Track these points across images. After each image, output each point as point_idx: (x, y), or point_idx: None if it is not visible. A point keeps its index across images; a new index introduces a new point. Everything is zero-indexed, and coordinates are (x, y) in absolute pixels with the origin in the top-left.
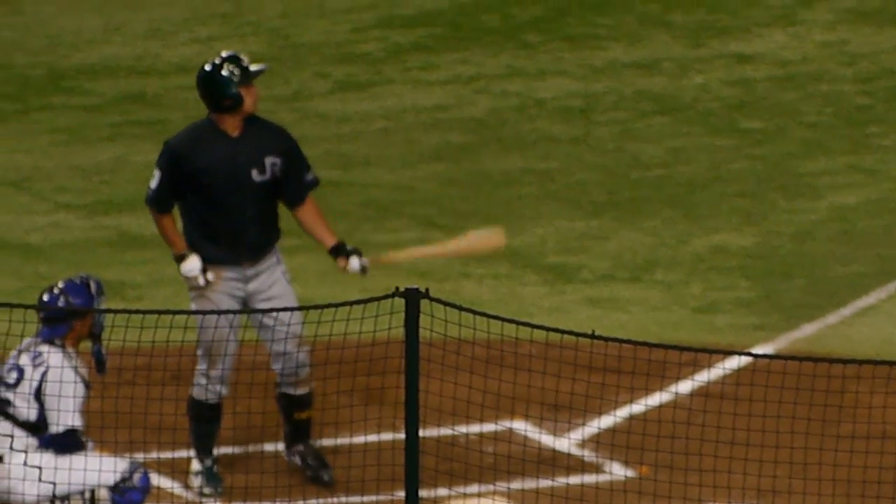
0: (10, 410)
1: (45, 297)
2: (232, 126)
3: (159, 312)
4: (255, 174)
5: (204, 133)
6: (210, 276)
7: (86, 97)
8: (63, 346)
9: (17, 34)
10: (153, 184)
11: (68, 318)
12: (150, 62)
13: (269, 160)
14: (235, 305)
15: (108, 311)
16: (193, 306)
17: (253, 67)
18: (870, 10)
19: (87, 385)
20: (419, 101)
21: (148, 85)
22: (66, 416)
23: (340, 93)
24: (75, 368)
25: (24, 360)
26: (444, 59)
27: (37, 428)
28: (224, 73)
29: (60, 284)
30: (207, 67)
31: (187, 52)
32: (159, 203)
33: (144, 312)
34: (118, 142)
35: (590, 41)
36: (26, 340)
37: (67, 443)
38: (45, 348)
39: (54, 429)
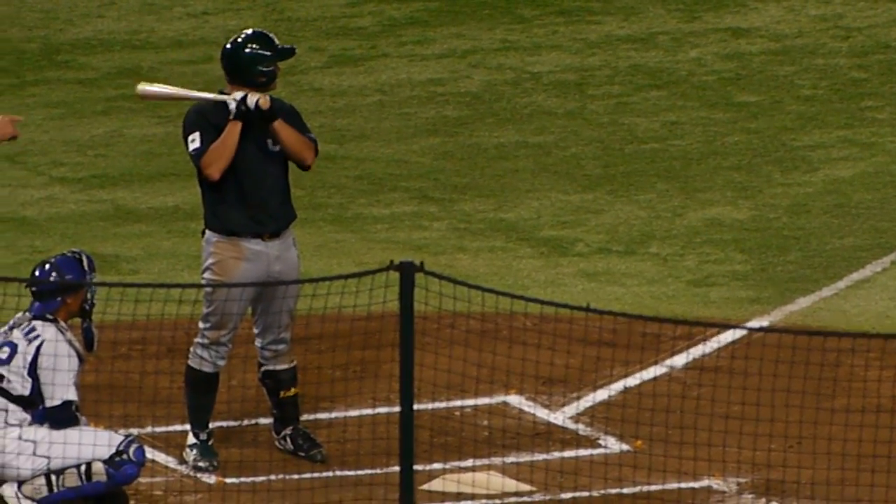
0: (4, 385)
1: (37, 272)
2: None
3: (154, 286)
4: (270, 143)
5: (222, 106)
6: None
7: (81, 71)
8: (55, 321)
9: (11, 9)
10: (197, 142)
11: (60, 293)
12: (144, 36)
13: None
14: (252, 291)
15: (103, 284)
16: (208, 275)
17: (287, 46)
18: None
19: (81, 358)
20: (414, 76)
21: (143, 59)
22: (61, 389)
23: (335, 67)
24: (69, 342)
25: (16, 335)
26: (439, 33)
27: (31, 403)
28: (261, 49)
29: (52, 259)
30: (241, 41)
31: (182, 27)
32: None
33: (139, 286)
34: (113, 116)
35: (584, 15)
36: (17, 316)
37: (62, 416)
38: (38, 323)
39: (49, 402)
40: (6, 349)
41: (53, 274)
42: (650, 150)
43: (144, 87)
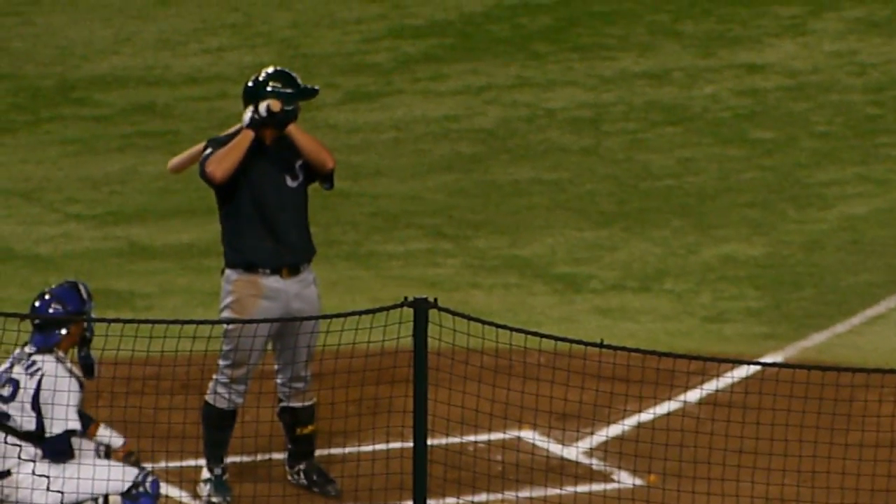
0: (10, 423)
1: (37, 304)
2: (269, 136)
3: (169, 322)
4: (289, 180)
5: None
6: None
7: (96, 108)
8: (53, 351)
9: (27, 45)
10: (207, 152)
11: (63, 325)
12: (159, 73)
13: (298, 163)
14: (269, 329)
15: (117, 320)
16: (227, 313)
17: (309, 87)
18: (880, 20)
19: (82, 385)
20: (429, 112)
21: (158, 96)
22: (60, 421)
23: (350, 103)
24: (70, 371)
25: (18, 370)
26: (454, 69)
27: (38, 437)
28: (283, 88)
29: (51, 290)
30: (262, 79)
31: (197, 63)
32: None
33: (153, 322)
34: (128, 152)
35: (599, 51)
36: (16, 352)
37: (61, 448)
38: (37, 357)
39: (49, 433)
40: (8, 387)
41: (53, 305)
42: (665, 187)
43: (173, 162)
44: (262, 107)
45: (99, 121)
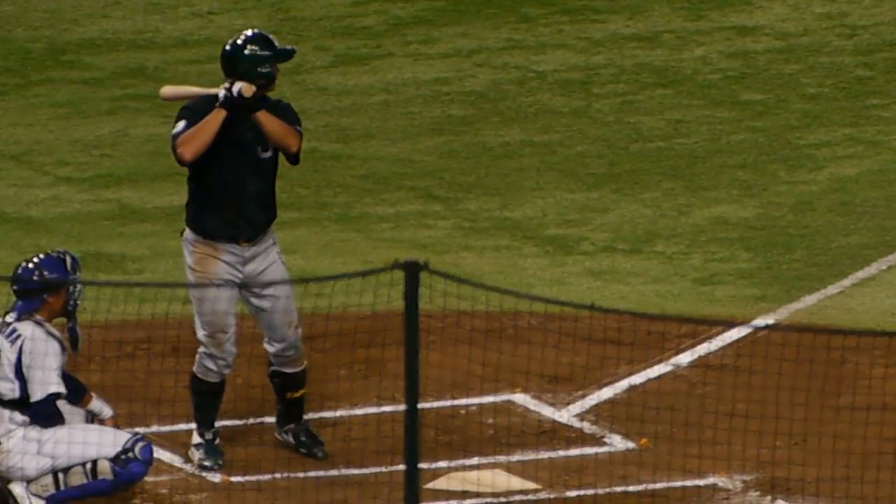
0: None
1: (20, 270)
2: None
3: (159, 285)
4: (259, 150)
5: (212, 103)
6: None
7: (86, 71)
8: (33, 317)
9: (17, 8)
10: (180, 127)
11: (42, 291)
12: (150, 36)
13: None
14: (232, 290)
15: (109, 283)
16: (190, 275)
17: (286, 48)
18: None
19: (63, 347)
20: (419, 75)
21: (148, 59)
22: (42, 384)
23: (341, 66)
24: (49, 333)
25: None
26: (445, 32)
27: (25, 404)
28: (261, 51)
29: (36, 258)
30: (240, 42)
31: (187, 26)
32: None
33: (143, 285)
34: (118, 115)
35: (589, 14)
36: None
37: (47, 411)
38: (17, 324)
39: (34, 397)
40: None
41: (36, 272)
42: (655, 149)
43: (166, 90)
44: (235, 88)
45: (89, 84)
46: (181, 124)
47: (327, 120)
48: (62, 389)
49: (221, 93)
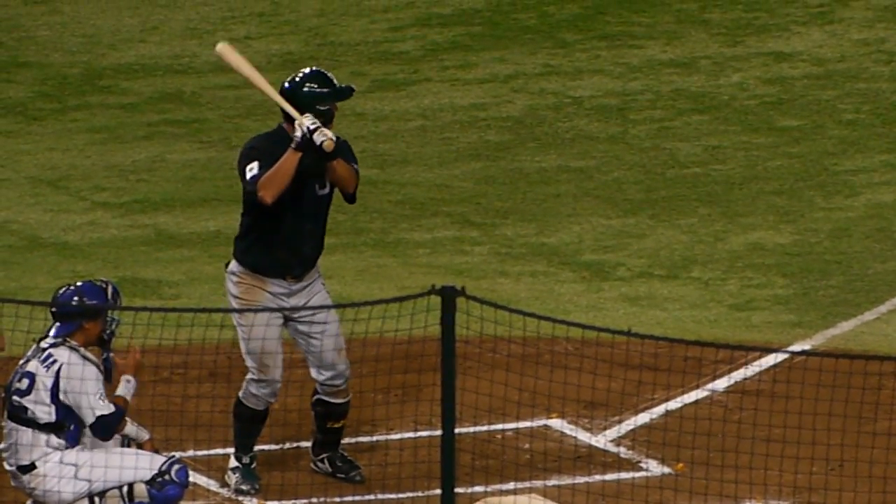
0: (28, 416)
1: (61, 293)
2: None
3: (196, 310)
4: (318, 188)
5: (278, 142)
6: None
7: (123, 96)
8: (67, 343)
9: (54, 33)
10: (255, 170)
11: (79, 317)
12: (187, 61)
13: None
14: (279, 318)
15: (146, 309)
16: (235, 304)
17: (345, 86)
18: None
19: (99, 368)
20: (456, 100)
21: (185, 84)
22: (88, 408)
23: (378, 91)
24: (84, 357)
25: (33, 365)
26: (482, 57)
27: (59, 427)
28: (319, 88)
29: (77, 284)
30: (299, 80)
31: None
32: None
33: (181, 310)
34: (155, 141)
35: (627, 39)
36: (32, 348)
37: (104, 428)
38: (52, 350)
39: (88, 420)
40: (25, 380)
41: (76, 297)
42: (692, 175)
43: (224, 48)
44: (319, 139)
45: (126, 109)
46: (255, 165)
47: (364, 145)
48: (109, 409)
49: (298, 133)
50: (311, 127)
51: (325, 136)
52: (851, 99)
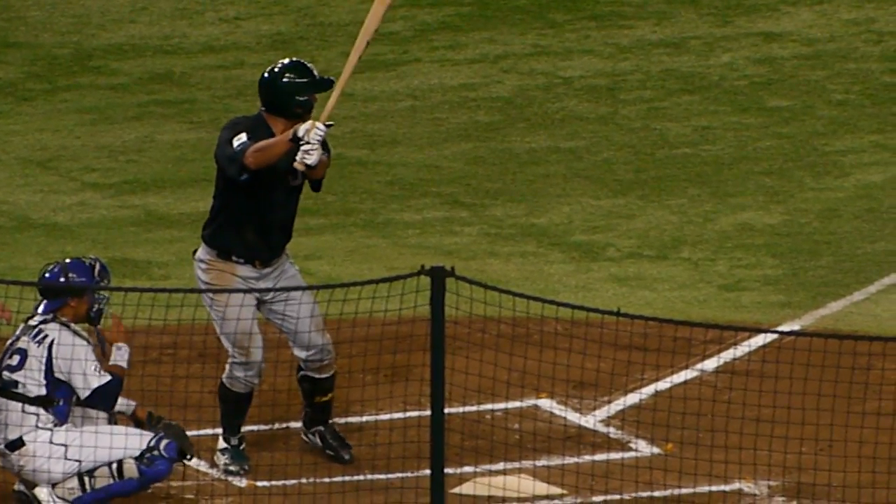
0: (19, 390)
1: (48, 270)
2: (281, 129)
3: (185, 291)
4: (290, 179)
5: (258, 128)
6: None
7: (113, 77)
8: (57, 319)
9: (44, 14)
10: (243, 138)
11: (64, 294)
12: (176, 42)
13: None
14: (252, 300)
15: (135, 289)
16: (209, 300)
17: (325, 78)
18: None
19: (89, 341)
20: (446, 81)
21: (174, 64)
22: (82, 379)
23: (367, 72)
24: (75, 332)
25: (24, 341)
26: (471, 38)
27: (49, 401)
28: (298, 78)
29: (64, 261)
30: (277, 70)
31: (214, 32)
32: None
33: (170, 291)
34: (145, 121)
35: (616, 20)
36: (21, 327)
37: (103, 404)
38: (43, 326)
39: (84, 394)
40: (16, 356)
41: (62, 274)
42: (682, 155)
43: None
44: (311, 160)
45: (115, 89)
46: (243, 136)
47: (353, 126)
48: (104, 380)
49: (301, 133)
50: (302, 131)
51: (308, 156)
52: (841, 79)
